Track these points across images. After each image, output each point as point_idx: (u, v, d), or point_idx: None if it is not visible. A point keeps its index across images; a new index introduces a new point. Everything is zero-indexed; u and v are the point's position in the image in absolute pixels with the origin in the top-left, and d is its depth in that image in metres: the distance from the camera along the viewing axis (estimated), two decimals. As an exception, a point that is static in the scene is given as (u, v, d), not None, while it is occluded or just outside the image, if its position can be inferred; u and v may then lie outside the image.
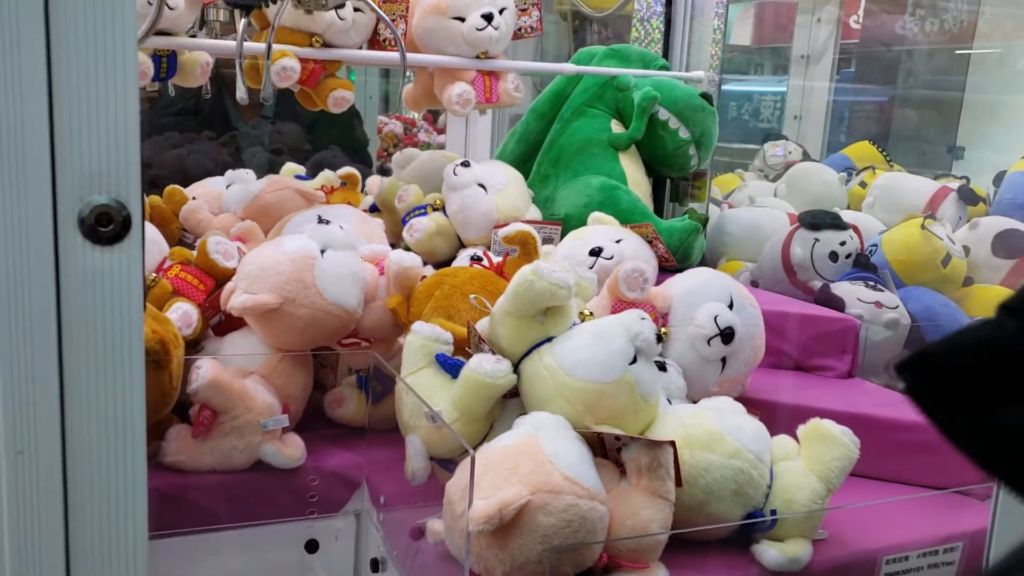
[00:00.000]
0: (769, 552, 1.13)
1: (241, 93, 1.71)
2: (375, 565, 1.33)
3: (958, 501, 1.36)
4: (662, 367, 1.34)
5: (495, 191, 1.80)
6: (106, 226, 0.74)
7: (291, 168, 2.46)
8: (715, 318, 1.35)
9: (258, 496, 1.35)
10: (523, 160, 2.07)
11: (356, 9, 1.70)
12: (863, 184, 2.55)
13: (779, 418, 1.39)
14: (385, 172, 2.80)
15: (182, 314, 1.36)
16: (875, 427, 1.39)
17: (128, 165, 0.74)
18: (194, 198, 1.97)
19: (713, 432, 1.14)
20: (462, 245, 1.85)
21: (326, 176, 2.32)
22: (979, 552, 1.23)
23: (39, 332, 0.73)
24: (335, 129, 3.09)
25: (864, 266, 1.84)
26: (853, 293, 1.74)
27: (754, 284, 2.00)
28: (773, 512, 1.14)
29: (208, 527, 1.33)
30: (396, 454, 1.32)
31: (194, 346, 1.45)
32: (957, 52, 4.00)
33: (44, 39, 0.70)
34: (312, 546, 1.38)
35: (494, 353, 1.21)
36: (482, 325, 1.27)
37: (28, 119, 0.70)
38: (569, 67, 1.99)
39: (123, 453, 0.76)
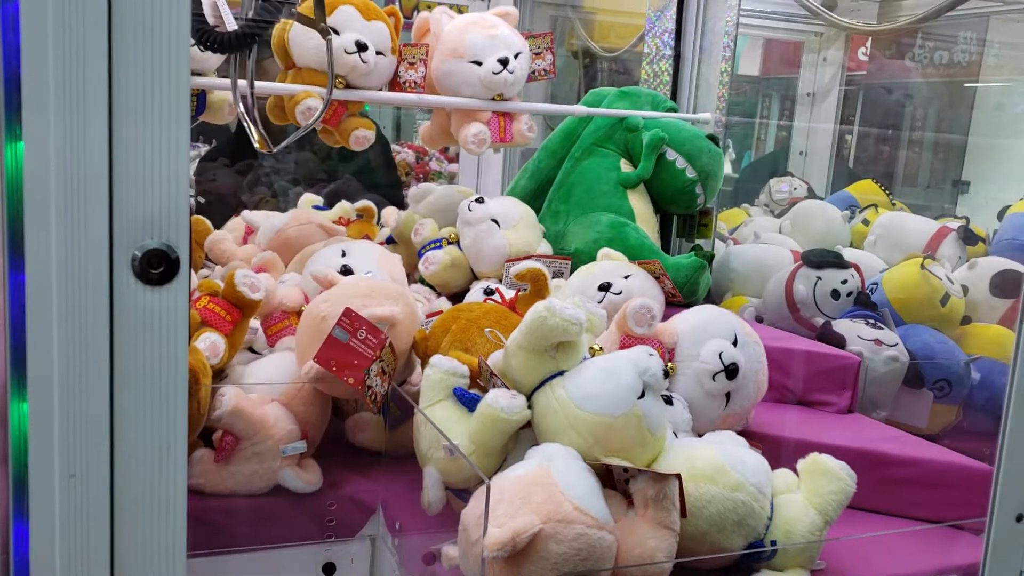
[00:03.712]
0: (769, 581, 1.18)
1: (252, 137, 1.77)
2: (390, 588, 1.38)
3: (952, 535, 1.41)
4: (668, 401, 1.40)
5: (508, 226, 1.86)
6: (156, 268, 0.80)
7: (309, 199, 2.54)
8: (720, 354, 1.40)
9: (277, 519, 1.41)
10: (534, 196, 2.14)
11: (379, 53, 1.78)
12: (866, 222, 2.61)
13: (781, 451, 1.44)
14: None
15: (210, 344, 1.42)
16: (873, 462, 1.44)
17: (178, 212, 0.80)
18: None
19: (717, 465, 1.19)
20: (475, 277, 1.92)
21: (343, 208, 2.39)
22: (972, 585, 1.28)
23: (93, 363, 0.79)
24: (362, 161, 3.17)
25: (865, 304, 1.89)
26: (854, 330, 1.80)
27: (758, 319, 2.05)
28: (773, 543, 1.19)
29: (229, 548, 1.38)
30: (412, 480, 1.37)
31: (219, 374, 1.51)
32: (965, 85, 4.07)
33: (107, 100, 0.76)
34: (329, 569, 1.43)
35: (506, 387, 1.26)
36: (495, 358, 1.33)
37: (91, 172, 0.77)
38: (581, 109, 2.06)
39: (166, 475, 0.82)
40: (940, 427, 1.80)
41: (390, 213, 2.46)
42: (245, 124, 1.61)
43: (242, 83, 1.43)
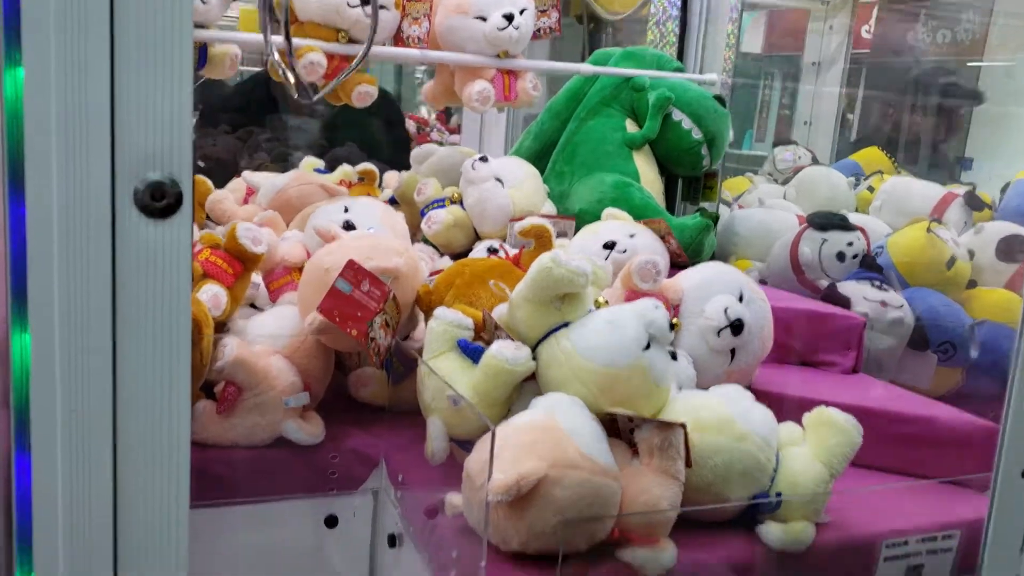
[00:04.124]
0: (773, 532, 1.18)
1: (290, 84, 1.74)
2: (392, 540, 1.38)
3: (957, 492, 1.40)
4: (673, 356, 1.39)
5: (511, 186, 1.85)
6: (159, 201, 0.79)
7: (309, 162, 2.52)
8: (725, 310, 1.39)
9: (279, 472, 1.40)
10: (538, 157, 2.12)
11: (381, 7, 1.75)
12: (871, 189, 2.59)
13: (785, 410, 1.43)
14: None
15: (212, 296, 1.41)
16: (878, 420, 1.43)
17: (181, 145, 0.79)
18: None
19: (723, 416, 1.19)
20: (478, 237, 1.90)
21: (344, 171, 2.38)
22: (976, 540, 1.28)
23: (95, 297, 0.78)
24: (366, 128, 3.15)
25: (870, 267, 1.88)
26: (859, 292, 1.79)
27: (762, 283, 2.04)
28: (778, 495, 1.19)
29: (231, 500, 1.37)
30: (415, 435, 1.37)
31: (222, 328, 1.50)
32: (968, 64, 4.04)
33: (109, 30, 0.75)
34: (331, 521, 1.43)
35: (511, 339, 1.25)
36: (499, 312, 1.32)
37: (92, 102, 0.75)
38: (586, 67, 2.04)
39: (169, 410, 0.81)
40: (944, 390, 1.80)
41: (392, 177, 2.45)
42: (281, 72, 1.58)
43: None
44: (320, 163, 2.54)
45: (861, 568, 1.24)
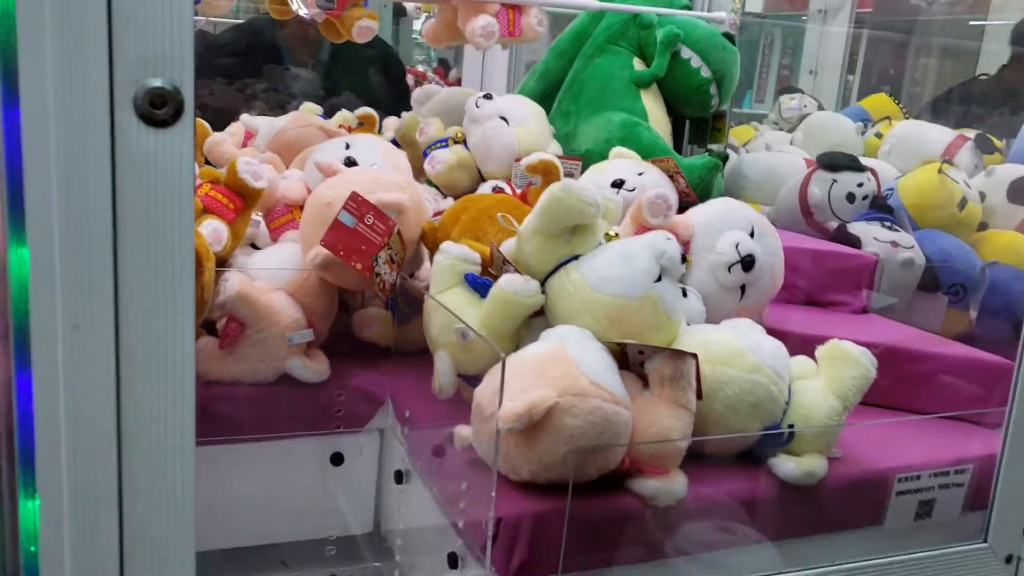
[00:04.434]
0: (785, 465, 1.16)
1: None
2: (399, 476, 1.36)
3: (970, 429, 1.39)
4: (683, 293, 1.37)
5: (517, 124, 1.81)
6: (160, 108, 0.75)
7: (309, 107, 2.48)
8: (736, 246, 1.37)
9: (284, 409, 1.39)
10: (543, 98, 2.07)
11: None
12: (879, 135, 2.56)
13: (795, 348, 1.41)
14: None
15: (212, 230, 1.38)
16: (890, 357, 1.41)
17: (183, 50, 0.76)
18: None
19: (734, 348, 1.17)
20: (482, 178, 1.87)
21: (343, 116, 2.34)
22: (989, 476, 1.27)
23: (95, 209, 0.75)
24: (365, 78, 3.11)
25: (881, 207, 1.85)
26: (869, 232, 1.76)
27: (770, 226, 2.01)
28: (791, 427, 1.17)
29: (235, 438, 1.36)
30: (421, 374, 1.35)
31: (222, 265, 1.47)
32: (971, 23, 3.98)
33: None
34: (337, 459, 1.42)
35: (519, 273, 1.23)
36: (506, 246, 1.30)
37: (88, 2, 0.72)
38: (593, 3, 1.99)
39: (173, 324, 0.79)
40: (953, 332, 1.77)
41: (392, 122, 2.40)
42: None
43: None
44: (319, 109, 2.50)
45: (873, 502, 1.23)
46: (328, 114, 2.46)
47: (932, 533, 1.27)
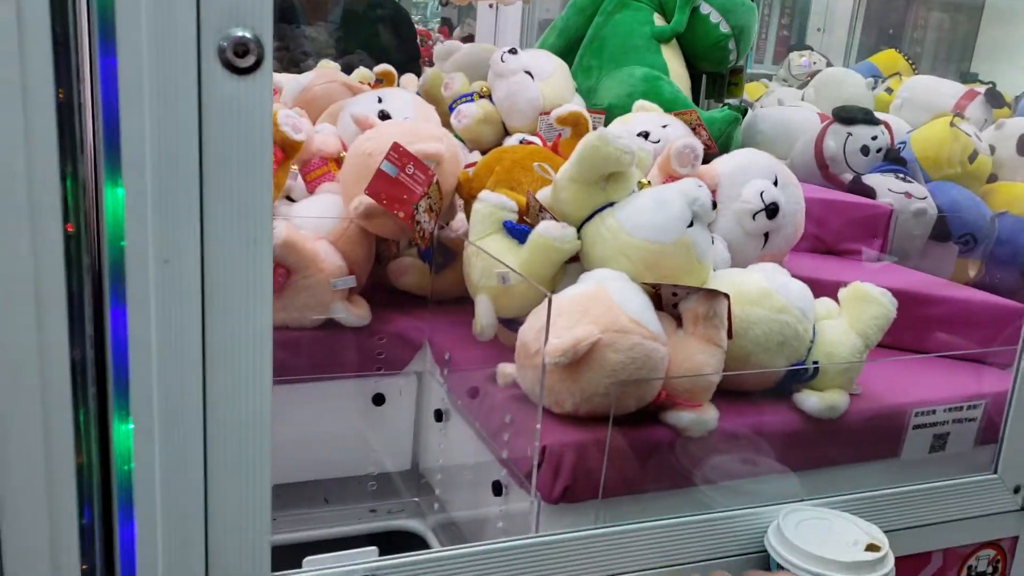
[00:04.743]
0: (809, 399, 1.23)
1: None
2: (439, 415, 1.43)
3: (983, 369, 1.46)
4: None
5: (541, 79, 1.86)
6: (242, 57, 0.81)
7: (328, 64, 2.52)
8: (761, 194, 1.42)
9: (328, 353, 1.45)
10: (563, 54, 2.11)
11: None
12: (889, 90, 2.60)
13: (814, 293, 1.48)
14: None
15: (256, 181, 1.43)
16: (906, 301, 1.47)
17: (263, 3, 0.81)
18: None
19: (763, 289, 1.23)
20: (507, 132, 1.92)
21: (362, 73, 2.38)
22: (999, 412, 1.34)
23: (184, 152, 0.81)
24: (377, 34, 3.13)
25: (894, 160, 1.91)
26: (884, 184, 1.82)
27: (785, 179, 2.06)
28: (815, 363, 1.24)
29: (283, 379, 1.42)
30: (457, 320, 1.42)
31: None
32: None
33: None
34: (379, 399, 1.49)
35: (555, 220, 1.29)
36: (542, 195, 1.35)
37: (177, -46, 0.77)
38: (614, -41, 2.02)
39: (252, 259, 0.85)
40: (963, 280, 1.84)
41: (408, 79, 2.44)
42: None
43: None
44: (337, 67, 2.53)
45: (891, 435, 1.30)
46: (344, 72, 2.50)
47: (946, 465, 1.34)
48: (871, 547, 1.08)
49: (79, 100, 0.80)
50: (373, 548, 0.99)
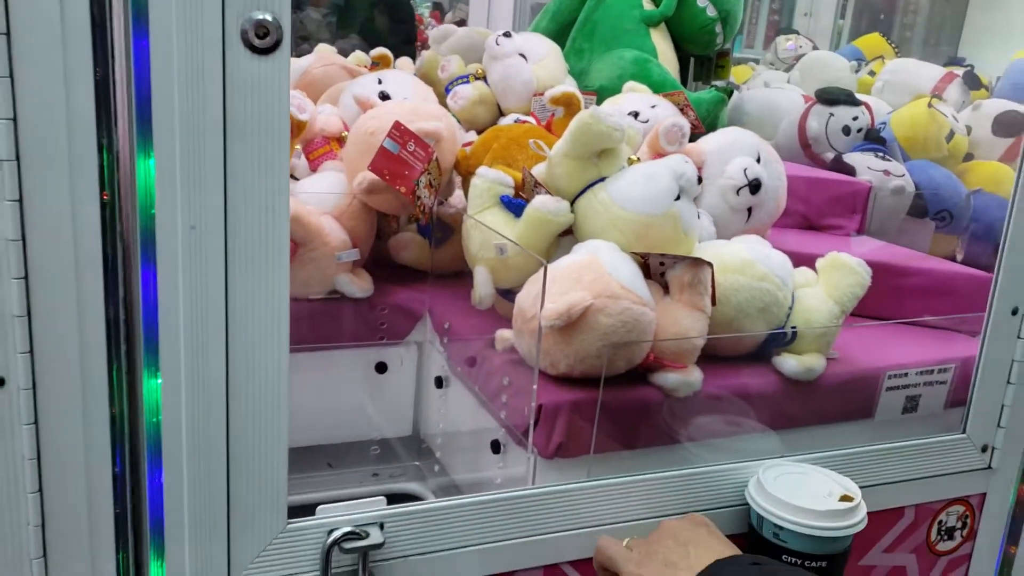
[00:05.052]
0: (788, 362, 1.31)
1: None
2: (439, 382, 1.51)
3: (953, 336, 1.54)
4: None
5: (535, 61, 1.92)
6: (263, 38, 0.87)
7: (325, 48, 2.57)
8: (744, 170, 1.50)
9: (333, 322, 1.52)
10: (555, 37, 2.17)
11: None
12: (872, 73, 2.68)
13: (795, 264, 1.56)
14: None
15: (263, 159, 1.49)
16: (882, 272, 1.55)
17: (281, -13, 0.87)
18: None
19: (744, 259, 1.31)
20: (501, 113, 1.98)
21: (358, 57, 2.43)
22: (968, 375, 1.42)
23: (210, 126, 0.87)
24: (372, 19, 3.18)
25: (874, 139, 1.99)
26: (863, 162, 1.90)
27: (770, 159, 2.14)
28: (793, 328, 1.32)
29: (289, 347, 1.49)
30: (456, 292, 1.49)
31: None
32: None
33: None
34: (381, 368, 1.56)
35: (551, 195, 1.36)
36: (537, 171, 1.42)
37: (202, -58, 0.83)
38: (604, -55, 2.08)
39: (271, 227, 0.91)
40: (940, 255, 1.92)
41: (405, 62, 2.50)
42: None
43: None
44: (335, 50, 2.58)
45: (865, 396, 1.39)
46: (340, 56, 2.55)
47: (917, 425, 1.43)
48: (844, 498, 1.16)
49: (114, 78, 0.87)
50: (381, 498, 1.07)
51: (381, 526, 1.05)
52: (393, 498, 1.59)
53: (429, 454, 1.58)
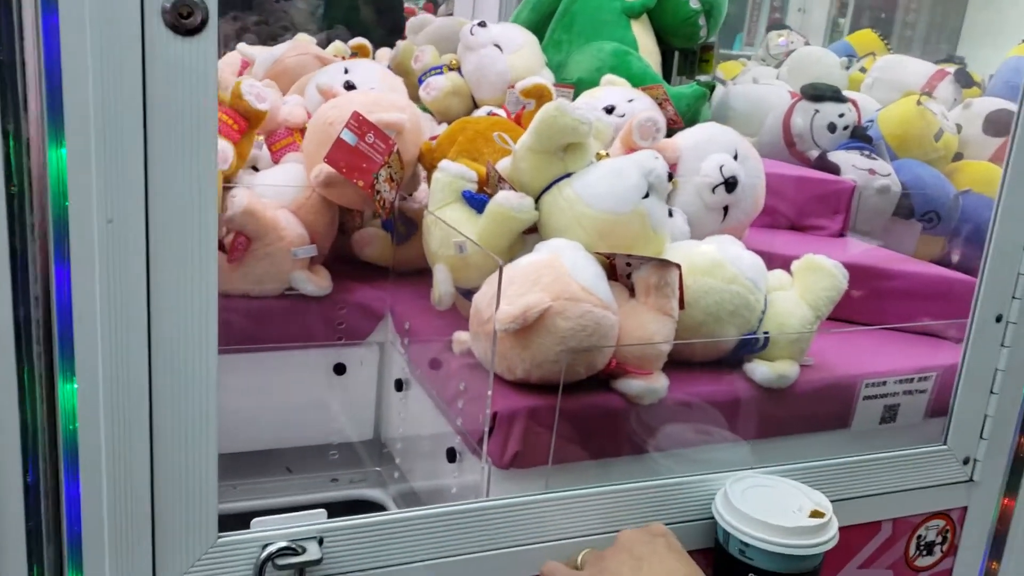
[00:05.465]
0: (760, 369, 1.25)
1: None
2: (399, 384, 1.45)
3: (934, 342, 1.48)
4: (668, 214, 1.44)
5: (510, 52, 1.86)
6: (187, 18, 0.81)
7: (303, 38, 2.51)
8: (720, 167, 1.44)
9: (290, 321, 1.46)
10: (535, 29, 2.11)
11: None
12: (863, 70, 2.61)
13: (773, 266, 1.50)
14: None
15: (219, 151, 1.43)
16: (862, 275, 1.50)
17: (205, -39, 0.81)
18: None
19: (715, 260, 1.25)
20: (476, 105, 1.92)
21: (337, 47, 2.37)
22: (950, 384, 1.36)
23: (128, 112, 0.81)
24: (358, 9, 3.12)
25: (860, 137, 1.92)
26: (848, 160, 1.84)
27: (754, 156, 2.08)
28: (766, 334, 1.26)
29: (243, 347, 1.43)
30: (419, 291, 1.42)
31: (228, 183, 1.53)
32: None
33: None
34: (340, 369, 1.50)
35: (515, 190, 1.30)
36: (502, 165, 1.36)
37: (117, -87, 0.77)
38: (585, -67, 2.02)
39: (198, 219, 0.85)
40: (927, 257, 1.86)
41: (384, 53, 2.44)
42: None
43: None
44: (313, 40, 2.52)
45: (841, 405, 1.33)
46: (322, 46, 2.49)
47: (896, 436, 1.37)
48: (815, 513, 1.10)
49: (22, 59, 0.80)
50: (321, 510, 1.00)
51: (320, 541, 0.99)
52: (353, 505, 1.55)
53: (390, 459, 1.52)
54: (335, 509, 1.53)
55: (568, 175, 1.27)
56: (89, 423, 0.87)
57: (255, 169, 1.69)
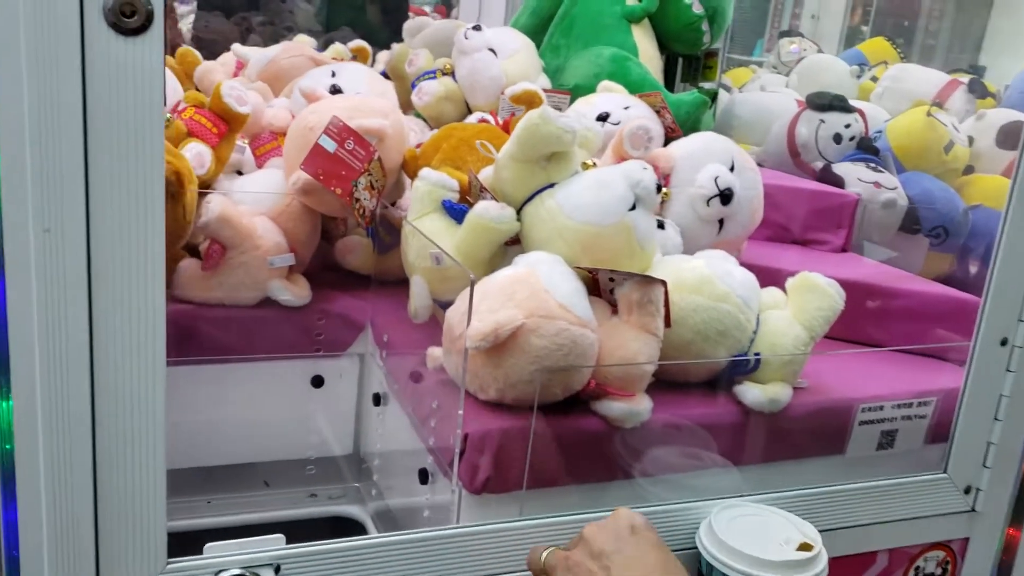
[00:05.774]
0: (751, 391, 1.19)
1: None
2: (376, 399, 1.40)
3: (935, 364, 1.42)
4: (660, 226, 1.38)
5: (505, 57, 1.81)
6: (130, 17, 0.76)
7: (302, 38, 2.47)
8: (716, 179, 1.38)
9: (266, 332, 1.41)
10: (535, 33, 2.06)
11: None
12: (875, 79, 2.54)
13: (771, 283, 1.44)
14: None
15: (196, 154, 1.39)
16: (862, 293, 1.44)
17: (150, -43, 0.76)
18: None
19: (704, 276, 1.19)
20: (469, 110, 1.87)
21: (336, 49, 2.34)
22: (951, 409, 1.30)
23: (66, 115, 0.77)
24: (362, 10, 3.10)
25: (866, 148, 1.86)
26: (853, 173, 1.77)
27: (759, 166, 2.02)
28: (757, 355, 1.20)
29: (218, 358, 1.39)
30: (400, 302, 1.37)
31: (206, 189, 1.49)
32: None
33: None
34: (318, 381, 1.45)
35: (496, 200, 1.24)
36: (485, 174, 1.31)
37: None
38: (585, -64, 1.97)
39: (144, 224, 0.80)
40: (934, 274, 1.79)
41: (385, 55, 2.40)
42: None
43: None
44: (312, 41, 2.49)
45: (836, 431, 1.26)
46: (324, 48, 2.46)
47: (893, 463, 1.30)
48: (803, 546, 1.04)
49: (-49, 58, 0.76)
50: (280, 536, 0.95)
51: (277, 568, 0.94)
52: (332, 522, 1.50)
53: (368, 475, 1.47)
54: (313, 526, 1.50)
55: (551, 185, 1.22)
56: (26, 443, 0.82)
57: (240, 173, 1.65)
